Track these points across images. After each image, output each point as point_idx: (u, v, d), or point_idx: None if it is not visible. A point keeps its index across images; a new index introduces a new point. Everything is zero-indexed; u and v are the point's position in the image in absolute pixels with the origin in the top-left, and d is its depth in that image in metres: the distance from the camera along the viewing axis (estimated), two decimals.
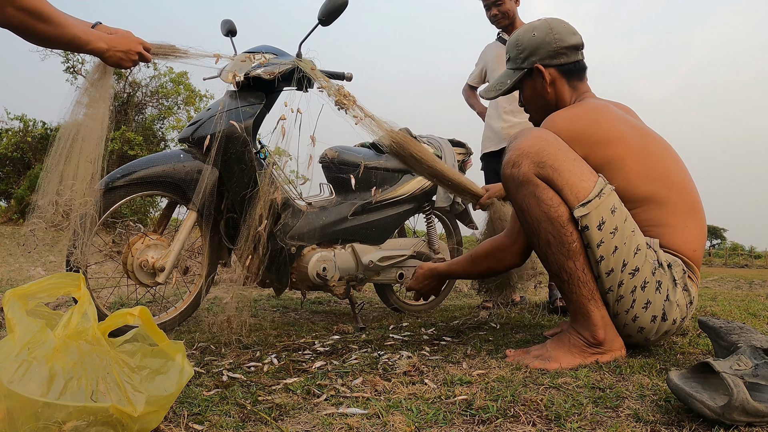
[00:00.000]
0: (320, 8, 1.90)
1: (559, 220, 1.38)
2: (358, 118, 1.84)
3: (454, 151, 2.53)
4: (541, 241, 1.42)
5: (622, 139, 1.49)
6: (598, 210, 1.37)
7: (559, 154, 1.41)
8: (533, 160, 1.41)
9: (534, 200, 1.40)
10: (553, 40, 1.62)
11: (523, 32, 1.67)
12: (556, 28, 1.63)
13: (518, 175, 1.42)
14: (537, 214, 1.40)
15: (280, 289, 2.10)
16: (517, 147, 1.45)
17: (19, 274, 4.80)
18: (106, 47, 1.48)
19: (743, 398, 0.94)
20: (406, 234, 2.70)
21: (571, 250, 1.38)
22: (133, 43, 1.55)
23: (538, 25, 1.65)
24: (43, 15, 1.30)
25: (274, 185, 1.94)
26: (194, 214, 1.91)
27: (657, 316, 1.43)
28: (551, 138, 1.44)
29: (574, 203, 1.38)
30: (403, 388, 1.24)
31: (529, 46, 1.63)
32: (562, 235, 1.38)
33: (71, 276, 1.07)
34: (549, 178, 1.40)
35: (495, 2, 2.85)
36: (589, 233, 1.38)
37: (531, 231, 1.44)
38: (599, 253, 1.38)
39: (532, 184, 1.41)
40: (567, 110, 1.55)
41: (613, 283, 1.40)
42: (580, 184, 1.39)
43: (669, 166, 1.53)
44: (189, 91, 14.14)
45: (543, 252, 1.43)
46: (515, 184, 1.44)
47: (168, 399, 0.97)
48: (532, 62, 1.64)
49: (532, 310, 2.58)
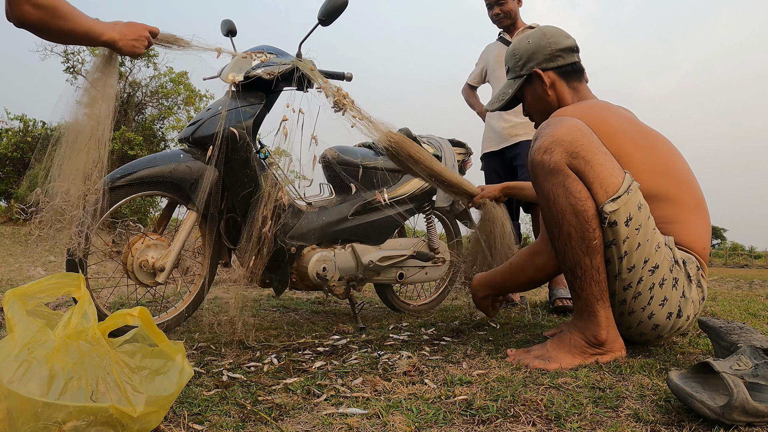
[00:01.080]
0: (320, 8, 1.90)
1: (584, 215, 1.36)
2: (355, 119, 1.84)
3: (454, 151, 2.53)
4: (562, 233, 1.39)
5: (627, 134, 1.51)
6: (626, 206, 1.36)
7: (592, 146, 1.39)
8: (566, 149, 1.38)
9: (562, 190, 1.37)
10: (547, 44, 1.65)
11: (518, 42, 1.72)
12: (549, 33, 1.68)
13: (550, 162, 1.38)
14: (563, 205, 1.37)
15: (280, 289, 2.10)
16: (551, 134, 1.41)
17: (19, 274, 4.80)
18: (119, 36, 1.50)
19: (743, 398, 0.94)
20: (406, 234, 2.70)
21: (591, 246, 1.37)
22: (140, 29, 1.57)
23: (532, 33, 1.70)
24: (58, 11, 1.32)
25: (277, 186, 1.94)
26: (194, 214, 1.91)
27: (673, 312, 1.44)
28: (585, 129, 1.42)
29: (603, 198, 1.36)
30: (403, 388, 1.24)
31: (526, 53, 1.67)
32: (585, 230, 1.36)
33: (71, 276, 1.07)
34: (580, 169, 1.37)
35: (497, 1, 2.85)
36: (617, 229, 1.36)
37: (553, 222, 1.41)
38: (624, 248, 1.37)
39: (562, 173, 1.37)
40: (574, 105, 1.58)
41: (633, 280, 1.40)
42: (611, 179, 1.37)
43: (675, 162, 1.55)
44: (189, 91, 14.13)
45: (562, 244, 1.40)
46: (545, 172, 1.40)
47: (168, 399, 0.97)
48: (530, 68, 1.67)
49: (532, 310, 2.58)
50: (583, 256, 1.37)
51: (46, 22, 1.31)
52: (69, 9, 1.35)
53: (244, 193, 1.94)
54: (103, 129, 1.56)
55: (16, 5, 1.27)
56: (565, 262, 1.42)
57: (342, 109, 1.84)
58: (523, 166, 2.74)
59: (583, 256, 1.37)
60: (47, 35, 1.36)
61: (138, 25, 1.57)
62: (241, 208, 1.95)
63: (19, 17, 1.28)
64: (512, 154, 2.82)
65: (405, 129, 2.37)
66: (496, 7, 2.87)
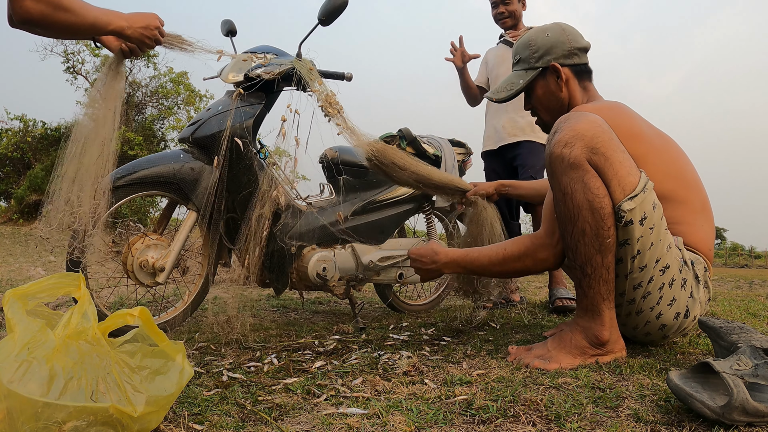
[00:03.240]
0: (320, 8, 1.90)
1: (601, 212, 1.34)
2: (340, 128, 1.83)
3: (454, 151, 2.53)
4: (576, 229, 1.38)
5: (643, 136, 1.51)
6: (642, 205, 1.35)
7: (612, 143, 1.38)
8: (587, 144, 1.36)
9: (581, 186, 1.35)
10: (567, 40, 1.64)
11: (535, 33, 1.68)
12: (567, 30, 1.67)
13: (570, 156, 1.36)
14: (580, 201, 1.36)
15: (280, 289, 2.10)
16: (572, 128, 1.39)
17: (19, 274, 4.80)
18: (127, 24, 1.45)
19: (743, 398, 0.94)
20: (406, 234, 2.70)
21: (604, 245, 1.36)
22: (151, 18, 1.52)
23: (551, 27, 1.68)
24: (62, 3, 1.27)
25: (276, 185, 1.94)
26: (194, 214, 1.91)
27: (680, 313, 1.44)
28: (605, 125, 1.41)
29: (620, 196, 1.35)
30: (403, 388, 1.24)
31: (544, 46, 1.65)
32: (600, 228, 1.35)
33: (71, 276, 1.07)
34: (599, 165, 1.36)
35: (503, 0, 2.84)
36: (632, 228, 1.35)
37: (568, 217, 1.39)
38: (637, 247, 1.36)
39: (582, 168, 1.36)
40: (592, 104, 1.57)
41: (644, 279, 1.40)
42: (628, 177, 1.36)
43: (684, 164, 1.56)
44: (189, 91, 14.13)
45: (574, 241, 1.39)
46: (564, 165, 1.38)
47: (168, 399, 0.97)
48: (548, 61, 1.65)
49: (532, 310, 2.58)
50: (595, 254, 1.37)
51: (50, 16, 1.26)
52: (73, 0, 1.29)
53: (244, 194, 1.94)
54: (111, 133, 1.55)
55: (17, 1, 1.23)
56: (576, 259, 1.40)
57: (328, 116, 1.83)
58: (523, 166, 2.73)
59: (595, 254, 1.37)
60: (53, 31, 1.30)
61: (149, 15, 1.52)
62: (241, 208, 1.95)
63: (21, 13, 1.23)
64: (512, 154, 2.81)
65: (405, 129, 2.38)
66: (501, 5, 2.86)
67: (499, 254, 1.60)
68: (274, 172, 1.98)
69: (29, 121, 13.56)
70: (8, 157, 13.21)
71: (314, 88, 1.88)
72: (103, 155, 1.53)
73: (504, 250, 1.60)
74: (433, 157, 2.42)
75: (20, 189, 12.22)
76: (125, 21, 1.45)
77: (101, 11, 1.39)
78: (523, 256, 1.57)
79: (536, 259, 1.56)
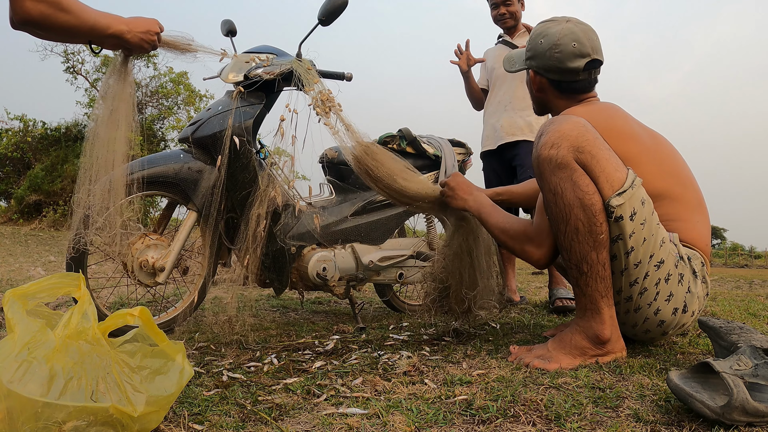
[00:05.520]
0: (320, 8, 1.90)
1: (592, 209, 1.36)
2: (332, 130, 1.82)
3: (454, 151, 2.53)
4: (569, 227, 1.39)
5: (635, 136, 1.52)
6: (631, 201, 1.37)
7: (597, 142, 1.40)
8: (573, 143, 1.38)
9: (570, 184, 1.37)
10: (552, 56, 1.59)
11: (537, 33, 1.65)
12: (562, 46, 1.57)
13: (557, 156, 1.38)
14: (570, 200, 1.37)
15: (280, 289, 2.10)
16: (557, 129, 1.42)
17: (19, 274, 4.80)
18: (127, 28, 1.45)
19: (743, 398, 0.94)
20: (406, 234, 2.70)
21: (598, 241, 1.37)
22: (150, 24, 1.52)
23: (552, 33, 1.59)
24: (62, 4, 1.27)
25: (274, 185, 1.93)
26: (194, 214, 1.91)
27: (678, 308, 1.45)
28: (589, 126, 1.43)
29: (609, 193, 1.37)
30: (403, 388, 1.24)
31: (533, 49, 1.65)
32: (592, 224, 1.36)
33: (71, 276, 1.07)
34: (586, 164, 1.38)
35: (504, 1, 2.83)
36: (622, 224, 1.36)
37: (560, 216, 1.40)
38: (630, 243, 1.37)
39: (569, 168, 1.38)
40: (583, 106, 1.58)
41: (639, 275, 1.40)
42: (615, 173, 1.38)
43: (677, 162, 1.58)
44: (189, 91, 14.12)
45: (568, 240, 1.40)
46: (552, 166, 1.40)
47: (168, 399, 0.97)
48: (530, 64, 1.67)
49: (532, 310, 2.58)
50: (590, 251, 1.37)
51: (50, 17, 1.25)
52: (73, 1, 1.29)
53: (243, 194, 1.94)
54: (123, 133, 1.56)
55: (18, 1, 1.22)
56: (571, 258, 1.41)
57: (319, 117, 1.83)
58: (522, 166, 2.73)
59: (590, 251, 1.37)
60: (53, 32, 1.30)
61: (148, 20, 1.52)
62: (241, 208, 1.95)
63: (21, 14, 1.23)
64: (511, 153, 2.81)
65: (405, 129, 2.37)
66: (502, 6, 2.85)
67: (505, 225, 1.62)
68: (273, 172, 1.98)
69: (29, 121, 13.56)
70: (8, 157, 13.20)
71: (307, 87, 1.87)
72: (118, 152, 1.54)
73: (508, 224, 1.62)
74: (433, 157, 2.42)
75: (20, 189, 12.22)
76: (125, 25, 1.45)
77: (101, 14, 1.39)
78: (516, 238, 1.59)
79: (523, 248, 1.58)
